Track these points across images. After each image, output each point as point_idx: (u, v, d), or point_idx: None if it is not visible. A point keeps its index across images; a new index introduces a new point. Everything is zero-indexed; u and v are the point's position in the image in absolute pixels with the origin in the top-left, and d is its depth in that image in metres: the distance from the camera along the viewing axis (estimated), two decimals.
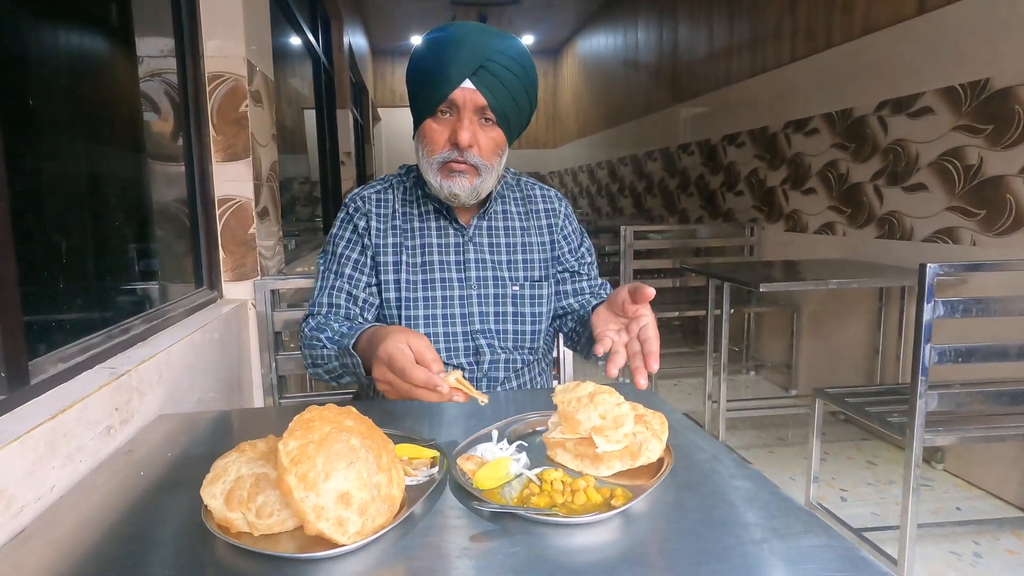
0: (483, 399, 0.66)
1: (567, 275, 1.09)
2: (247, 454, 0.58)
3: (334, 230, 1.03)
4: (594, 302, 1.07)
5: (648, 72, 4.96)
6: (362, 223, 1.00)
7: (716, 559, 0.48)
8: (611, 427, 0.62)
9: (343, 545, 0.50)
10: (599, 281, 1.14)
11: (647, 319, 0.75)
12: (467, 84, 0.87)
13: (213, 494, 0.54)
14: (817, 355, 2.85)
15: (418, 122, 0.94)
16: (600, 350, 0.73)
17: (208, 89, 1.50)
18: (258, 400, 1.53)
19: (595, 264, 1.15)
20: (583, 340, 1.03)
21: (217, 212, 1.54)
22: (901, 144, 2.29)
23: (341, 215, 1.03)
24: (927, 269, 1.34)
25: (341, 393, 1.66)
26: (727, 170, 3.58)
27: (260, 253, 1.61)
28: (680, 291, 3.35)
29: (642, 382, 0.71)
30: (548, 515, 0.54)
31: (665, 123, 4.54)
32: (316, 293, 1.01)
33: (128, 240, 1.36)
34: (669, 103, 4.47)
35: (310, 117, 3.60)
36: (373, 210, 1.01)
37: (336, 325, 0.93)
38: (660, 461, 0.64)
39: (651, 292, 0.73)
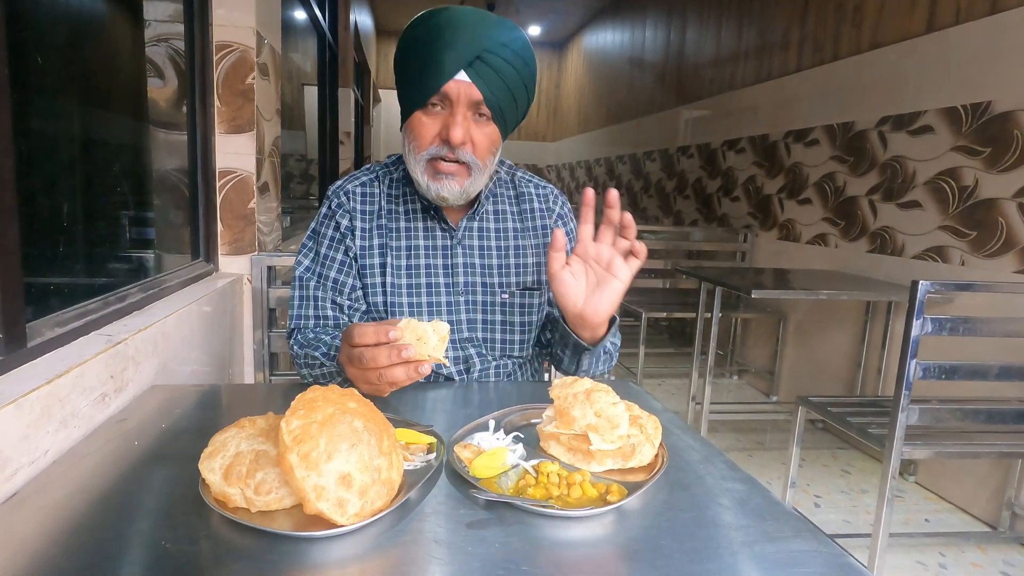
0: (445, 362, 0.70)
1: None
2: (247, 430, 0.58)
3: (315, 225, 0.96)
4: None
5: (653, 72, 4.95)
6: (345, 221, 0.93)
7: (708, 558, 0.49)
8: (605, 426, 0.63)
9: (341, 526, 0.50)
10: None
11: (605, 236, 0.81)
12: (462, 76, 0.80)
13: (211, 468, 0.54)
14: (800, 363, 2.88)
15: (406, 113, 0.86)
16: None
17: (215, 59, 1.48)
18: (248, 376, 1.53)
19: None
20: (555, 348, 0.96)
21: (217, 184, 1.52)
22: (899, 160, 2.32)
23: (324, 210, 0.96)
24: (919, 286, 1.36)
25: None
26: (725, 175, 3.60)
27: (258, 228, 1.60)
28: (670, 292, 3.37)
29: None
30: (544, 506, 0.54)
31: (666, 124, 4.55)
32: (299, 303, 0.94)
33: (126, 207, 1.34)
34: (671, 104, 4.47)
35: (310, 93, 3.55)
36: (358, 208, 0.94)
37: (327, 338, 0.88)
38: (655, 458, 0.65)
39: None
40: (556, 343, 0.95)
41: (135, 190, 1.39)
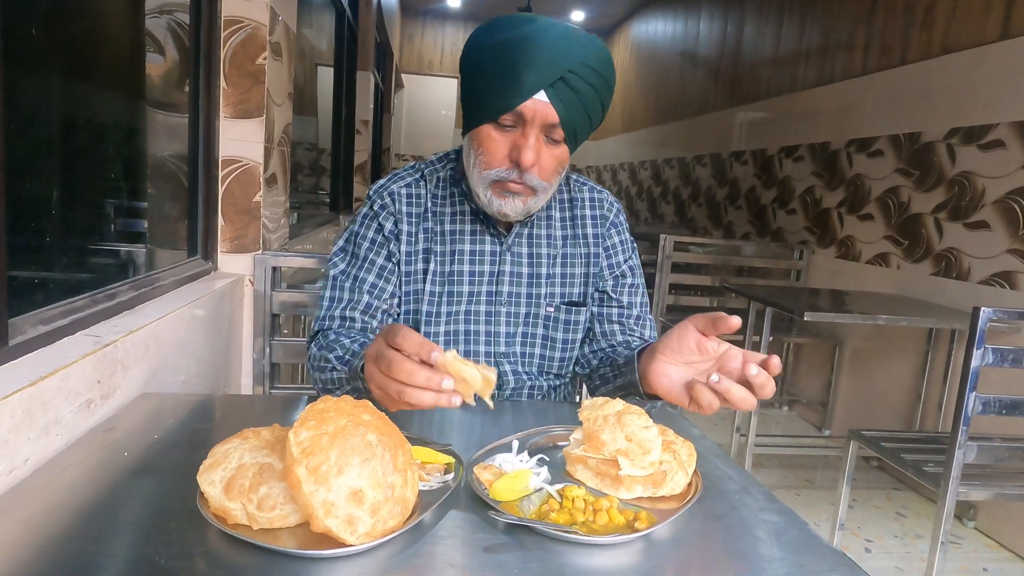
0: (490, 404, 0.66)
1: (598, 295, 1.05)
2: (250, 441, 0.60)
3: (355, 227, 1.00)
4: (623, 340, 1.03)
5: (706, 68, 5.10)
6: (389, 224, 0.97)
7: None
8: (637, 451, 0.65)
9: (350, 545, 0.51)
10: (636, 313, 1.05)
11: (733, 349, 0.72)
12: (540, 96, 0.83)
13: (211, 481, 0.55)
14: (856, 395, 2.97)
15: (473, 123, 0.90)
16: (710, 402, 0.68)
17: (223, 35, 1.47)
18: (246, 388, 1.53)
19: (640, 290, 1.07)
20: (610, 386, 0.96)
21: (220, 174, 1.52)
22: (967, 177, 2.43)
23: (364, 211, 1.01)
24: (980, 313, 1.44)
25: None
26: (781, 185, 3.72)
27: (264, 224, 1.59)
28: (716, 311, 3.50)
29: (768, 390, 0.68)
30: (567, 532, 0.57)
31: (719, 126, 4.68)
32: (328, 305, 0.97)
33: (116, 197, 1.33)
34: (725, 105, 4.61)
35: (324, 75, 3.56)
36: (403, 210, 0.98)
37: (347, 341, 0.89)
38: (688, 487, 0.68)
39: (735, 321, 0.69)
40: (609, 372, 0.97)
41: (128, 177, 1.37)
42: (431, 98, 9.09)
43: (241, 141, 1.53)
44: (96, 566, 0.50)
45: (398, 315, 0.99)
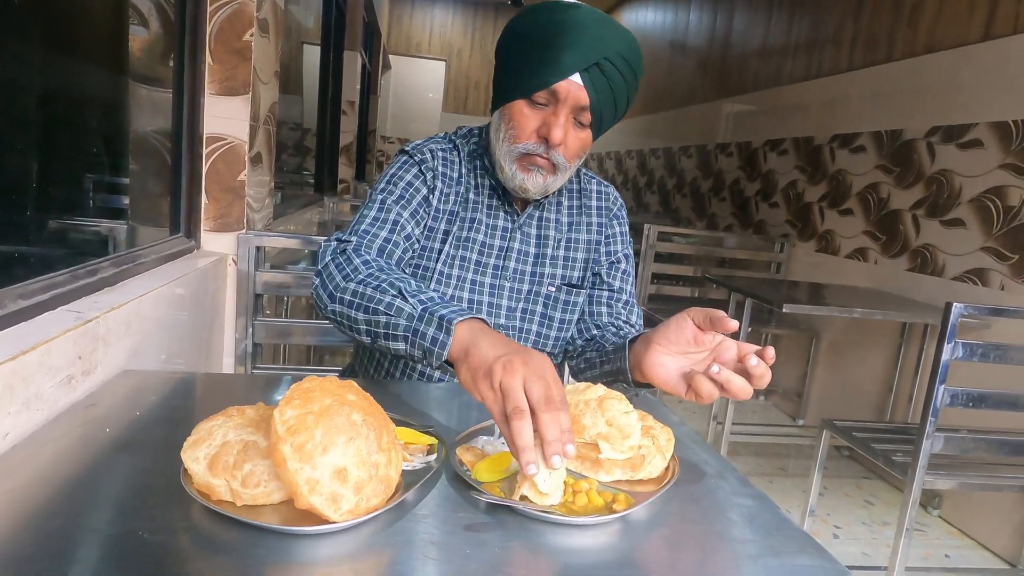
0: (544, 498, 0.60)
1: (592, 277, 1.09)
2: (235, 419, 0.60)
3: (393, 170, 1.01)
4: (608, 323, 1.06)
5: (695, 59, 5.11)
6: (429, 176, 1.00)
7: (709, 571, 0.55)
8: (616, 435, 0.67)
9: (333, 522, 0.52)
10: (625, 298, 1.09)
11: (728, 341, 0.74)
12: (575, 78, 0.88)
13: (195, 457, 0.56)
14: (830, 386, 3.04)
15: (505, 98, 0.94)
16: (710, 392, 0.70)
17: (209, 10, 1.46)
18: (228, 367, 1.53)
19: (631, 278, 1.12)
20: (596, 371, 0.97)
21: (204, 152, 1.51)
22: (946, 175, 2.47)
23: (403, 160, 1.02)
24: (952, 308, 1.48)
25: (321, 368, 1.67)
26: (765, 178, 3.76)
27: (248, 203, 1.59)
28: (698, 302, 3.54)
29: (763, 381, 0.69)
30: (546, 512, 0.58)
31: (705, 118, 4.70)
32: (372, 223, 0.94)
33: (97, 171, 1.32)
34: (712, 96, 4.63)
35: (310, 54, 3.53)
36: (440, 169, 1.01)
37: (398, 274, 0.84)
38: (665, 471, 0.70)
39: (733, 324, 0.71)
40: (596, 357, 0.98)
41: (110, 153, 1.35)
42: (419, 80, 9.01)
43: (226, 119, 1.52)
44: (79, 540, 0.50)
45: (413, 263, 1.01)
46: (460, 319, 0.71)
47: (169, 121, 1.44)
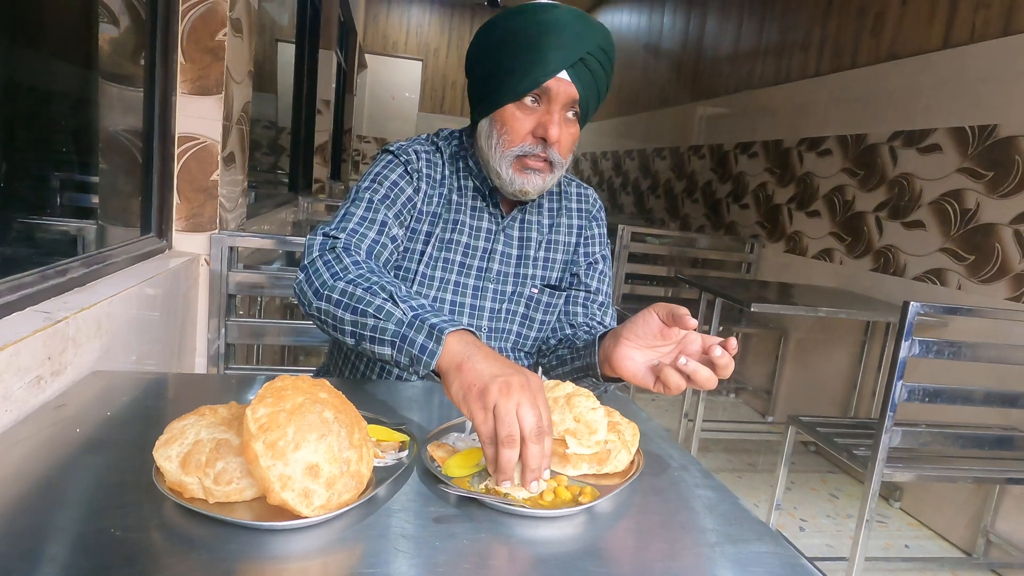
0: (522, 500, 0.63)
1: (569, 277, 1.11)
2: (207, 418, 0.61)
3: (378, 168, 1.00)
4: (583, 322, 1.08)
5: (669, 62, 5.18)
6: (415, 176, 1.00)
7: (671, 558, 0.57)
8: (583, 431, 0.69)
9: (305, 517, 0.53)
10: (601, 299, 1.11)
11: (692, 334, 0.77)
12: (563, 75, 0.90)
13: (168, 456, 0.56)
14: (798, 383, 3.11)
15: (492, 105, 0.94)
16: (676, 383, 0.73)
17: (181, 8, 1.45)
18: (200, 368, 1.53)
19: (607, 279, 1.14)
20: (567, 367, 1.00)
21: (176, 151, 1.50)
22: (907, 178, 2.55)
23: (388, 159, 1.01)
24: (909, 307, 1.54)
25: (295, 369, 1.66)
26: (736, 180, 3.83)
27: (221, 203, 1.59)
28: (670, 302, 3.59)
29: (726, 371, 0.73)
30: (514, 505, 0.61)
31: (679, 120, 4.77)
32: (358, 222, 0.93)
33: (66, 170, 1.30)
34: (686, 99, 4.70)
35: (285, 52, 3.51)
36: (424, 170, 1.01)
37: (389, 277, 0.84)
38: (631, 464, 0.72)
39: (693, 323, 0.74)
40: (567, 354, 1.01)
41: (79, 151, 1.34)
42: (395, 80, 8.96)
43: (199, 118, 1.52)
44: (49, 538, 0.50)
45: (394, 263, 1.01)
46: (452, 329, 0.71)
47: (140, 120, 1.43)
